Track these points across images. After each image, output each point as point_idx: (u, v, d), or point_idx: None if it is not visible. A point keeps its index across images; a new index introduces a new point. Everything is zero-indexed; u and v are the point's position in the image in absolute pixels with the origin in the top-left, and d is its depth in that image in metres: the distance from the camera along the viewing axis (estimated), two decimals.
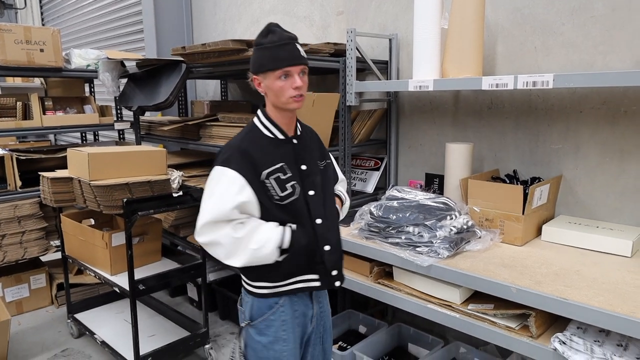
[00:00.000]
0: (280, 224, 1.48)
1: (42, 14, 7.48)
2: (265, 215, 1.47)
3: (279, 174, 1.47)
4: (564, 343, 1.50)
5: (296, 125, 1.58)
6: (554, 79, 1.78)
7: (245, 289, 1.58)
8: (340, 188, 1.79)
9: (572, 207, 2.22)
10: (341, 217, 1.72)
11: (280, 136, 1.52)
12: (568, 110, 2.18)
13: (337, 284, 1.59)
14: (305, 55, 1.46)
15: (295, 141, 1.55)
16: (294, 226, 1.48)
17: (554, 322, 1.67)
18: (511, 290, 1.60)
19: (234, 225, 1.42)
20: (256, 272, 1.51)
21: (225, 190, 1.41)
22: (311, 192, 1.52)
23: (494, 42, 2.36)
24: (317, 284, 1.55)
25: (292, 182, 1.48)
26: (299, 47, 1.45)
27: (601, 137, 2.10)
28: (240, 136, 1.52)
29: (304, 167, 1.53)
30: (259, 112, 1.55)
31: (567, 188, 2.22)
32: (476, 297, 1.84)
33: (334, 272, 1.57)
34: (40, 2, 7.50)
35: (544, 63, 2.21)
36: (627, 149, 2.03)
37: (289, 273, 1.51)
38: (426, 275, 1.87)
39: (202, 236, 1.43)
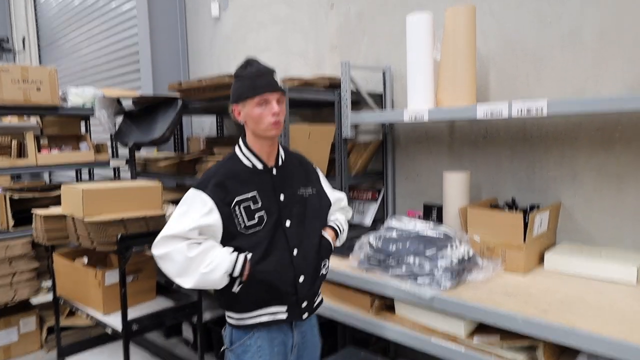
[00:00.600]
0: (240, 251, 1.48)
1: (40, 56, 7.60)
2: (228, 243, 1.48)
3: (250, 203, 1.50)
4: None
5: (278, 155, 1.61)
6: (548, 105, 1.79)
7: (225, 318, 1.60)
8: (339, 217, 1.78)
9: (572, 234, 2.19)
10: (338, 244, 1.74)
11: (259, 166, 1.57)
12: (563, 137, 2.18)
13: (305, 315, 1.59)
14: (281, 86, 1.54)
15: (274, 171, 1.58)
16: (249, 255, 1.47)
17: (563, 353, 1.61)
18: (517, 320, 1.55)
19: (189, 244, 1.43)
20: (225, 300, 1.54)
21: (192, 211, 1.46)
22: (287, 223, 1.55)
23: (486, 72, 2.40)
24: (283, 316, 1.55)
25: (261, 213, 1.51)
26: (275, 77, 1.54)
27: (597, 163, 2.09)
28: (219, 164, 1.58)
29: (282, 197, 1.56)
30: (240, 141, 1.60)
31: (566, 215, 2.20)
32: (481, 328, 1.78)
33: (304, 304, 1.58)
34: (38, 45, 7.64)
35: (537, 91, 2.24)
36: (623, 174, 2.03)
37: (252, 304, 1.52)
38: (429, 308, 1.82)
39: (157, 248, 1.45)
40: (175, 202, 3.08)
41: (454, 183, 2.30)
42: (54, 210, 2.45)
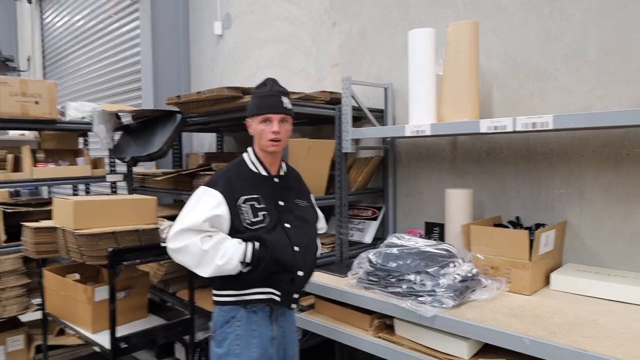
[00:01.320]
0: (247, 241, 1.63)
1: (44, 74, 7.65)
2: (233, 235, 1.63)
3: (254, 202, 1.66)
4: None
5: (280, 166, 1.80)
6: (553, 119, 1.75)
7: (213, 300, 1.72)
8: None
9: (579, 254, 2.12)
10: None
11: (263, 173, 1.75)
12: (569, 154, 2.14)
13: (294, 305, 1.75)
14: (289, 107, 1.71)
15: (276, 180, 1.76)
16: (257, 244, 1.62)
17: None
18: (524, 341, 1.47)
19: (203, 237, 1.59)
20: (222, 280, 1.66)
21: (203, 205, 1.61)
22: (287, 225, 1.71)
23: (489, 89, 2.37)
24: (277, 298, 1.69)
25: (265, 212, 1.66)
26: (283, 99, 1.70)
27: (605, 181, 2.04)
28: (228, 166, 1.75)
29: (281, 202, 1.73)
30: (249, 148, 1.79)
31: (573, 234, 2.13)
32: (485, 351, 1.70)
33: (296, 295, 1.73)
34: (43, 64, 7.71)
35: (541, 108, 2.20)
36: (632, 192, 1.97)
37: (252, 283, 1.66)
38: (430, 328, 1.74)
39: (173, 242, 1.60)
40: (171, 218, 3.02)
41: (457, 200, 2.25)
42: (44, 223, 2.39)
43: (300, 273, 1.69)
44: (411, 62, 2.23)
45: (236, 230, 1.63)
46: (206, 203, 1.61)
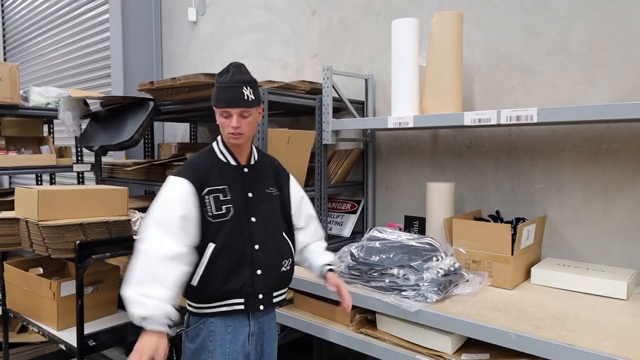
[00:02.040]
0: (214, 242, 1.54)
1: (5, 60, 7.27)
2: (203, 231, 1.54)
3: (219, 194, 1.58)
4: None
5: (250, 155, 1.70)
6: (538, 113, 1.73)
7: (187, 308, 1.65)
8: (327, 255, 1.82)
9: (558, 249, 2.13)
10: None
11: (232, 162, 1.65)
12: (549, 149, 2.14)
13: (261, 307, 1.63)
14: (251, 99, 1.57)
15: (246, 170, 1.67)
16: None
17: None
18: (510, 336, 1.45)
19: (165, 259, 1.46)
20: (185, 290, 1.57)
21: (171, 198, 1.52)
22: (253, 219, 1.62)
23: (472, 81, 2.35)
24: (241, 307, 1.59)
25: (228, 205, 1.58)
26: (245, 91, 1.56)
27: (585, 176, 2.05)
28: (197, 155, 1.68)
29: (250, 194, 1.64)
30: (218, 137, 1.69)
31: (552, 229, 2.14)
32: (468, 345, 1.67)
33: (260, 296, 1.62)
34: (4, 48, 7.33)
35: (524, 102, 2.19)
36: (611, 187, 1.98)
37: (210, 297, 1.56)
38: (413, 323, 1.70)
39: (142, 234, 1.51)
40: (143, 210, 2.90)
41: (438, 194, 2.22)
42: (5, 214, 2.24)
43: (258, 272, 1.58)
44: (394, 53, 2.18)
45: (199, 222, 1.54)
46: (175, 196, 1.52)
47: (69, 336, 2.11)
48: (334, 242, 2.57)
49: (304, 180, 2.51)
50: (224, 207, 1.57)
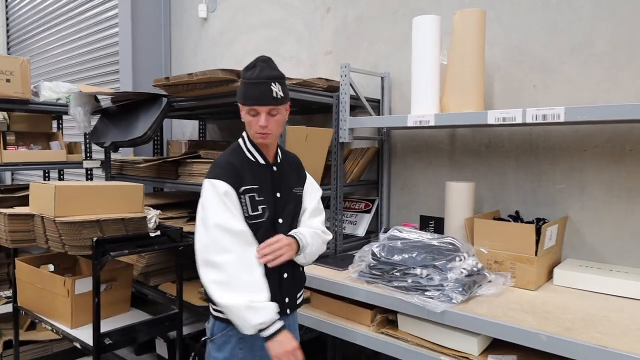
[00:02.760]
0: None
1: (9, 55, 7.24)
2: None
3: (255, 194, 1.53)
4: None
5: (276, 152, 1.65)
6: (565, 112, 1.71)
7: (211, 313, 1.60)
8: (307, 231, 1.65)
9: (579, 250, 2.11)
10: (306, 260, 1.65)
11: (262, 160, 1.60)
12: (571, 149, 2.11)
13: (288, 311, 1.62)
14: (280, 96, 1.50)
15: (274, 168, 1.62)
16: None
17: None
18: (540, 337, 1.42)
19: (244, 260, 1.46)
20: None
21: (219, 204, 1.47)
22: (280, 220, 1.58)
23: (492, 80, 2.32)
24: None
25: (263, 206, 1.53)
26: (273, 87, 1.48)
27: (607, 177, 2.02)
28: (227, 153, 1.60)
29: (279, 194, 1.59)
30: (243, 134, 1.63)
31: (573, 230, 2.12)
32: (495, 347, 1.65)
33: (287, 300, 1.60)
34: (7, 44, 7.29)
35: (545, 101, 2.17)
36: (634, 189, 1.96)
37: None
38: (437, 323, 1.68)
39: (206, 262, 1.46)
40: (157, 207, 2.87)
41: (458, 193, 2.20)
42: (20, 209, 2.21)
43: (285, 275, 1.57)
44: (415, 50, 2.16)
45: None
46: (222, 197, 1.47)
47: (84, 334, 2.09)
48: (348, 242, 2.55)
49: (320, 178, 2.48)
50: (259, 207, 1.52)
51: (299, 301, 1.70)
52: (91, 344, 1.96)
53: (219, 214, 1.45)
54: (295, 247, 1.57)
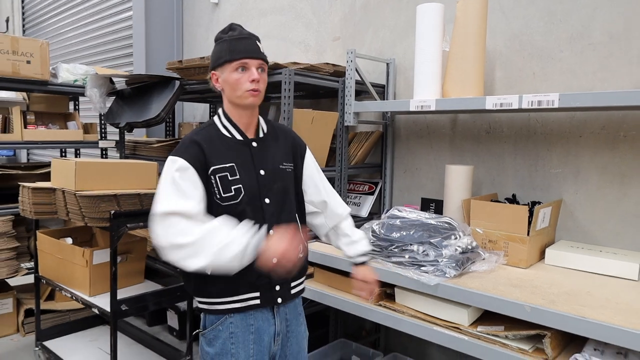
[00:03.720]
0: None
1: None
2: (213, 215, 1.38)
3: (226, 174, 1.40)
4: None
5: (258, 126, 1.52)
6: (559, 98, 1.79)
7: (198, 306, 1.50)
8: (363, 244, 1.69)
9: (572, 232, 2.20)
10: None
11: (238, 137, 1.47)
12: (567, 134, 2.19)
13: (279, 300, 1.49)
14: (265, 55, 1.45)
15: (254, 144, 1.48)
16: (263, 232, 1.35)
17: (569, 344, 1.60)
18: (525, 309, 1.53)
19: (195, 221, 1.33)
20: (193, 285, 1.46)
21: (181, 181, 1.35)
22: (267, 200, 1.46)
23: (493, 67, 2.40)
24: (257, 302, 1.45)
25: (238, 186, 1.41)
26: (258, 43, 1.45)
27: (601, 162, 2.10)
28: (195, 130, 1.48)
29: (262, 172, 1.46)
30: (219, 110, 1.52)
31: (567, 213, 2.21)
32: (484, 319, 1.76)
33: (277, 287, 1.48)
34: (23, 26, 7.42)
35: (543, 88, 2.24)
36: (627, 174, 2.04)
37: (221, 290, 1.42)
38: (431, 296, 1.79)
39: (158, 230, 1.34)
40: None
41: (457, 176, 2.29)
42: (42, 184, 2.35)
43: (274, 260, 1.32)
44: (418, 37, 2.24)
45: (207, 204, 1.39)
46: (180, 177, 1.34)
47: (102, 301, 2.23)
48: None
49: (325, 160, 2.59)
50: (233, 187, 1.39)
51: (294, 291, 1.55)
52: (108, 310, 2.10)
53: (170, 198, 1.33)
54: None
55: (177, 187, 1.34)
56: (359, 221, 2.72)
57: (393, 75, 2.78)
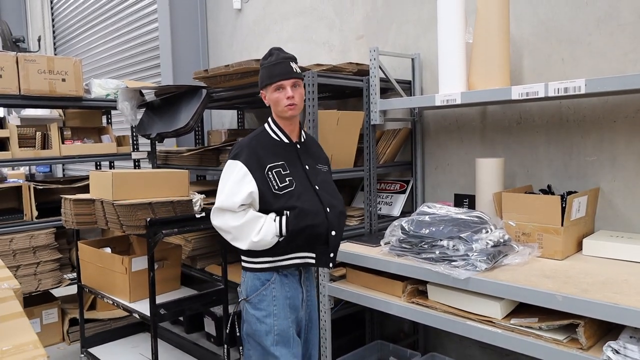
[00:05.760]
0: (279, 212, 1.70)
1: (55, 55, 7.67)
2: (264, 204, 1.70)
3: (280, 169, 1.73)
4: (618, 352, 1.39)
5: (300, 133, 1.86)
6: (586, 83, 1.74)
7: (244, 267, 1.79)
8: None
9: (612, 221, 2.12)
10: None
11: (285, 140, 1.81)
12: (601, 120, 2.12)
13: (331, 264, 1.82)
14: (298, 71, 1.76)
15: (298, 146, 1.83)
16: (289, 213, 1.69)
17: (604, 334, 1.55)
18: (557, 298, 1.49)
19: (236, 214, 1.68)
20: (258, 250, 1.73)
21: (233, 182, 1.68)
22: (317, 187, 1.78)
23: (520, 56, 2.35)
24: (313, 261, 1.78)
25: (290, 178, 1.73)
26: (292, 65, 1.75)
27: (638, 147, 2.03)
28: (250, 136, 1.80)
29: (307, 167, 1.80)
30: (268, 119, 1.84)
31: (605, 201, 2.13)
32: (517, 312, 1.73)
33: (332, 254, 1.79)
34: (54, 44, 7.71)
35: (573, 74, 2.18)
36: None
37: (287, 250, 1.73)
38: (463, 291, 1.77)
39: (213, 219, 1.73)
40: (201, 192, 3.07)
41: (487, 170, 2.25)
42: (82, 196, 2.45)
43: (333, 233, 1.75)
44: (440, 30, 2.22)
45: (266, 200, 1.70)
46: (235, 179, 1.69)
47: (141, 307, 2.30)
48: (384, 222, 2.64)
49: (353, 159, 2.59)
50: (287, 179, 1.72)
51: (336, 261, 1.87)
52: (148, 314, 2.16)
53: (227, 193, 1.68)
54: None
55: (232, 186, 1.68)
56: (390, 220, 2.71)
57: (419, 70, 2.75)
